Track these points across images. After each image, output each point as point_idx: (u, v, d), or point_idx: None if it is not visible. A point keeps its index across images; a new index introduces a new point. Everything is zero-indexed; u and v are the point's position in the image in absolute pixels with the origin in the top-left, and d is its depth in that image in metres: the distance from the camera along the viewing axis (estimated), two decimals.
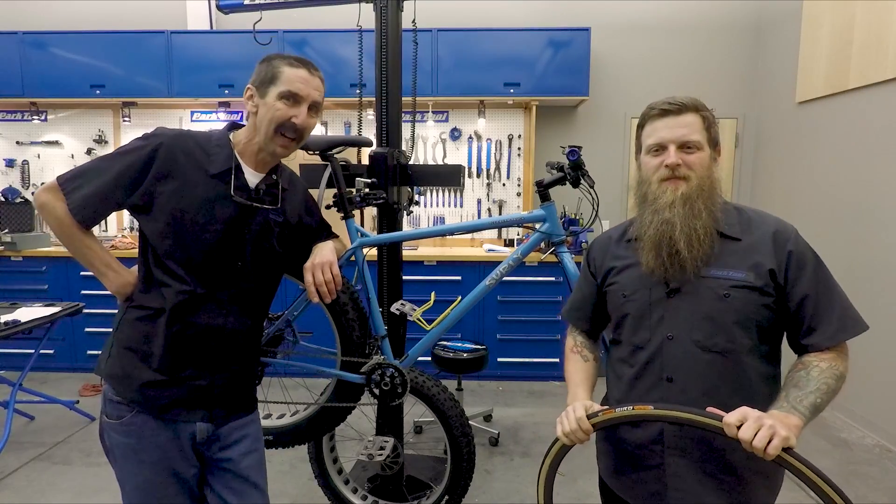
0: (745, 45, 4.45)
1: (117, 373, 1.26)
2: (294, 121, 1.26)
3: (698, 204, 1.11)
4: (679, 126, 1.13)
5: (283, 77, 1.25)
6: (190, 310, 1.24)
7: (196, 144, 1.26)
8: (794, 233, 1.13)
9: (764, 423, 0.92)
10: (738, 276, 1.10)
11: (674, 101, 1.15)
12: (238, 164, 1.28)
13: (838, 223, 3.44)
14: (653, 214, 1.14)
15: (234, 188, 1.25)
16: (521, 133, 4.50)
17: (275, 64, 1.27)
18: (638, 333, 1.18)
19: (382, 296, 2.02)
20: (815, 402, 1.02)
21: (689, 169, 1.13)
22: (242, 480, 1.35)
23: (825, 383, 1.04)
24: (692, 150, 1.14)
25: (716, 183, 1.15)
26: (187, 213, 1.22)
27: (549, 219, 1.75)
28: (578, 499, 2.52)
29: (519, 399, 3.80)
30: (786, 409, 1.01)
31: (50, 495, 2.56)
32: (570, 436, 1.10)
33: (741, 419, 0.94)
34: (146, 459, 1.25)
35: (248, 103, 1.29)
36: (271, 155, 1.31)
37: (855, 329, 1.08)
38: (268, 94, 1.25)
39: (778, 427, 0.91)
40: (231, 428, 1.34)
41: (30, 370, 3.03)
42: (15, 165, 4.61)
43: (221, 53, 4.14)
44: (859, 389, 3.19)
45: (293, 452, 2.77)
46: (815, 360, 1.08)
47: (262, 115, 1.26)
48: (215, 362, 1.29)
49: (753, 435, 0.91)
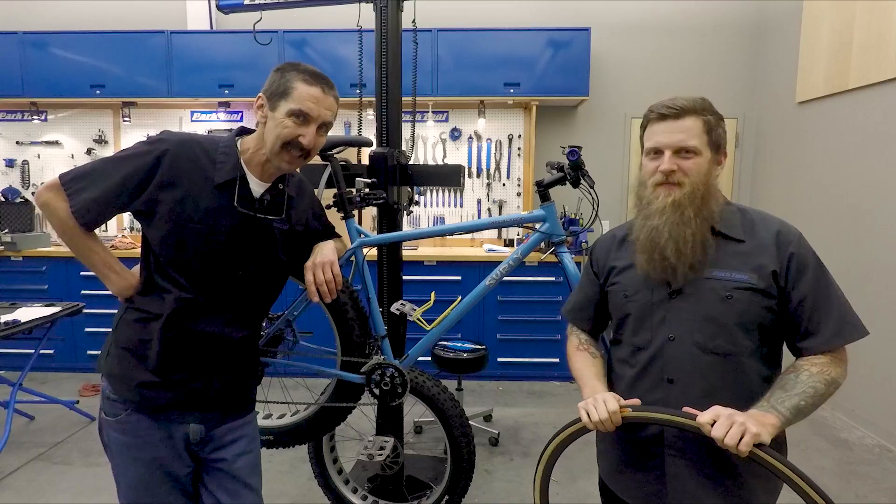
0: (745, 45, 4.45)
1: (115, 372, 1.26)
2: (301, 140, 1.22)
3: (688, 211, 1.10)
4: (676, 131, 1.12)
5: (295, 94, 1.21)
6: (188, 316, 1.24)
7: (202, 151, 1.24)
8: (798, 236, 1.12)
9: (735, 421, 0.93)
10: (740, 277, 1.09)
11: (673, 105, 1.13)
12: (243, 175, 1.26)
13: (838, 223, 3.44)
14: (644, 219, 1.15)
15: (237, 199, 1.24)
16: (521, 133, 4.50)
17: (289, 77, 1.22)
18: (639, 334, 1.18)
19: (382, 296, 2.02)
20: (798, 404, 1.01)
21: (684, 175, 1.12)
22: (236, 481, 1.35)
23: (812, 387, 1.03)
24: (689, 155, 1.12)
25: (712, 189, 1.13)
26: (190, 222, 1.20)
27: (549, 219, 1.75)
28: (578, 499, 2.52)
29: (519, 399, 3.80)
30: (764, 409, 1.01)
31: (50, 495, 2.56)
32: (597, 424, 1.08)
33: (714, 417, 0.96)
34: (140, 457, 1.26)
35: (257, 112, 1.26)
36: (277, 168, 1.29)
37: (852, 335, 1.07)
38: (278, 108, 1.21)
39: (749, 424, 0.93)
40: (225, 429, 1.34)
41: (30, 370, 3.03)
42: (15, 165, 4.61)
43: (221, 53, 4.14)
44: (859, 389, 3.19)
45: (293, 452, 2.77)
46: (807, 364, 1.07)
47: (270, 129, 1.22)
48: (211, 367, 1.29)
49: (725, 432, 0.93)
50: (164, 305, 1.23)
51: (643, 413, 1.07)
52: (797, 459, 2.74)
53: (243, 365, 1.37)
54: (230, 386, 1.33)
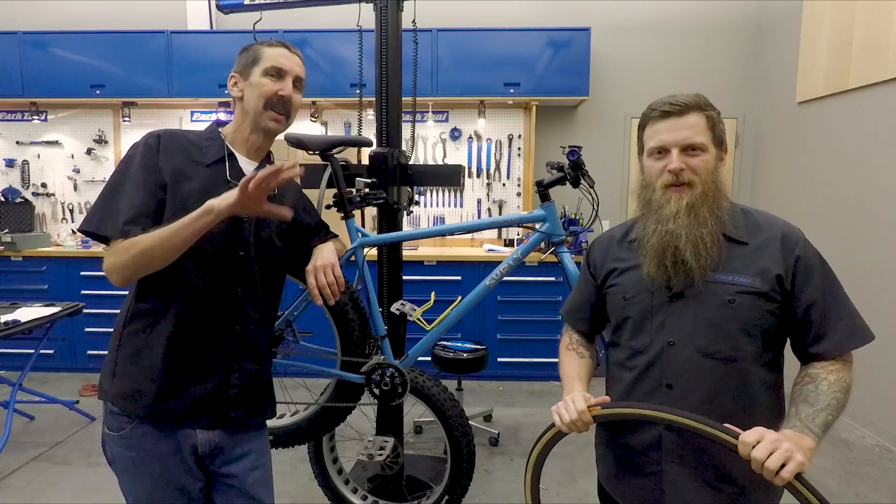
0: (745, 45, 4.45)
1: (126, 391, 1.21)
2: (281, 93, 1.28)
3: (703, 211, 1.08)
4: (682, 128, 1.09)
5: (264, 56, 1.29)
6: (197, 309, 1.21)
7: (187, 140, 1.29)
8: (802, 237, 1.09)
9: (780, 447, 0.88)
10: (744, 281, 1.06)
11: (676, 102, 1.10)
12: (231, 153, 1.30)
13: (838, 223, 3.44)
14: (657, 224, 1.11)
15: (229, 174, 1.27)
16: (521, 133, 4.50)
17: (254, 48, 1.31)
18: (638, 337, 1.15)
19: (382, 296, 2.02)
20: (827, 419, 0.99)
21: (693, 174, 1.09)
22: (248, 498, 1.32)
23: (835, 398, 1.01)
24: (696, 152, 1.09)
25: (721, 186, 1.11)
26: (188, 200, 1.20)
27: (549, 219, 1.75)
28: (578, 499, 2.52)
29: (519, 399, 3.80)
30: (798, 429, 0.97)
31: (50, 495, 2.56)
32: (569, 425, 1.07)
33: (758, 438, 0.91)
34: (147, 472, 1.23)
35: (233, 90, 1.31)
36: (264, 132, 1.31)
37: (863, 338, 1.06)
38: (251, 74, 1.28)
39: (794, 452, 0.88)
40: (236, 441, 1.30)
41: (30, 370, 3.03)
42: (15, 165, 4.61)
43: (221, 53, 4.14)
44: (859, 389, 3.15)
45: (293, 452, 2.77)
46: (822, 371, 1.04)
47: (250, 95, 1.28)
48: (223, 362, 1.25)
49: (767, 455, 0.88)
50: (171, 302, 1.20)
51: (613, 410, 1.06)
52: None
53: (261, 358, 1.33)
54: (246, 382, 1.29)
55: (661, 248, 1.10)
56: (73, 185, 4.62)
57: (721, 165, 1.14)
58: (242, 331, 1.28)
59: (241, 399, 1.28)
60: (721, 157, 1.14)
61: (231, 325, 1.26)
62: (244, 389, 1.29)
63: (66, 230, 4.54)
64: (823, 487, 2.62)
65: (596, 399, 1.09)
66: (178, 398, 1.21)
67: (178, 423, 1.22)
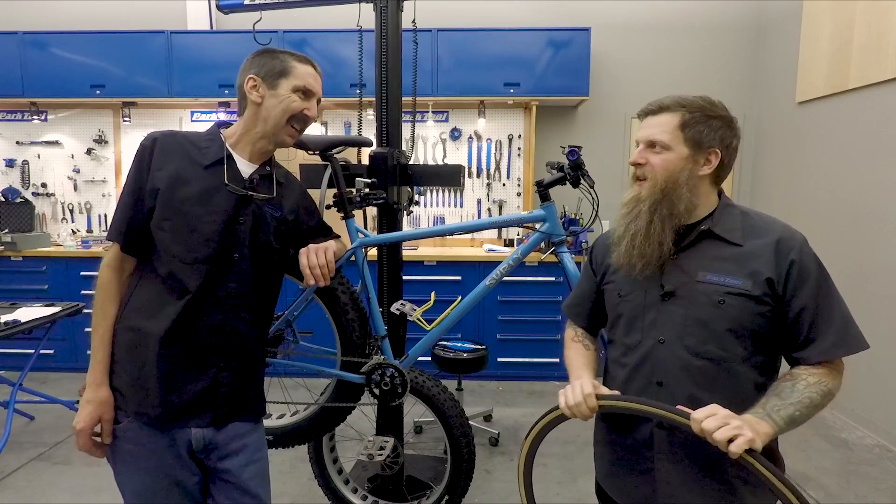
0: (746, 45, 4.45)
1: (119, 387, 1.25)
2: (307, 113, 1.33)
3: (643, 206, 1.12)
4: (650, 126, 1.15)
5: (296, 72, 1.31)
6: (187, 309, 1.22)
7: (186, 140, 1.30)
8: (801, 242, 1.08)
9: (731, 423, 0.92)
10: (735, 283, 1.07)
11: (655, 102, 1.16)
12: (230, 155, 1.30)
13: (838, 223, 3.44)
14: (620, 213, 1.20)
15: (227, 177, 1.27)
16: (521, 133, 4.50)
17: (282, 58, 1.32)
18: (630, 335, 1.18)
19: (382, 296, 2.02)
20: (793, 414, 1.00)
21: (651, 169, 1.13)
22: (243, 492, 1.32)
23: (808, 397, 1.01)
24: (658, 150, 1.13)
25: (679, 187, 1.10)
26: (185, 203, 1.22)
27: (549, 219, 1.75)
28: (578, 499, 2.52)
29: (519, 399, 3.80)
30: (759, 416, 0.99)
31: (50, 495, 2.56)
32: (573, 408, 1.08)
33: (709, 413, 0.94)
34: (144, 466, 1.24)
35: (251, 93, 1.30)
36: (278, 144, 1.34)
37: (852, 347, 1.05)
38: (279, 85, 1.29)
39: (745, 429, 0.91)
40: (229, 436, 1.30)
41: (30, 370, 3.03)
42: (15, 165, 4.61)
43: (221, 53, 4.14)
44: (859, 389, 3.19)
45: (293, 452, 2.77)
46: (804, 373, 1.05)
47: (273, 106, 1.29)
48: (215, 360, 1.26)
49: (716, 428, 0.92)
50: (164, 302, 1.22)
51: (618, 402, 1.07)
52: (797, 459, 2.76)
53: (251, 358, 1.34)
54: (237, 380, 1.30)
55: (621, 235, 1.17)
56: (73, 185, 4.62)
57: (697, 168, 1.12)
58: (234, 331, 1.29)
59: (230, 398, 1.29)
60: (696, 161, 1.12)
61: (222, 326, 1.27)
62: (233, 388, 1.30)
63: (66, 230, 4.54)
64: (823, 487, 2.63)
65: (605, 391, 1.10)
66: (170, 396, 1.23)
67: (171, 420, 1.23)
